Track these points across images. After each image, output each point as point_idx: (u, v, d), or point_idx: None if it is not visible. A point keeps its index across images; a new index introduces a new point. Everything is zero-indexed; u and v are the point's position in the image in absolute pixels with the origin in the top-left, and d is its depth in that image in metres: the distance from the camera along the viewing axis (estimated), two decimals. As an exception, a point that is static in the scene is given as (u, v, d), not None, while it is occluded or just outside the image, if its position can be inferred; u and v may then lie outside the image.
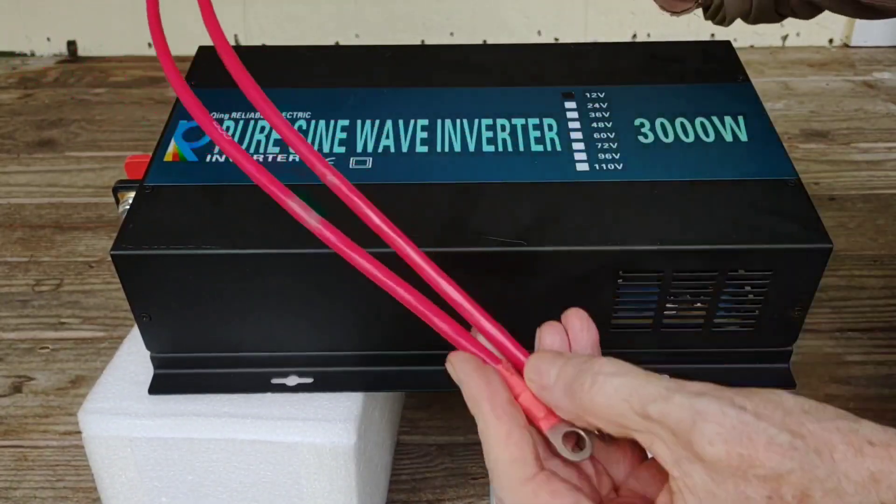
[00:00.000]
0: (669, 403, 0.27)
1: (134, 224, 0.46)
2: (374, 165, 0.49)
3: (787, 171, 0.48)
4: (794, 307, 0.47)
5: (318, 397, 0.49)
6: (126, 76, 1.23)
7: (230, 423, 0.49)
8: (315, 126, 0.52)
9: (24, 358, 0.77)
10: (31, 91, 1.20)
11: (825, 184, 0.97)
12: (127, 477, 0.51)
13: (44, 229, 0.93)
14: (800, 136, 1.06)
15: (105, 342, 0.79)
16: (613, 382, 0.29)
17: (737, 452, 0.26)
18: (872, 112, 1.10)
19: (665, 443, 0.28)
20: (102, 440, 0.49)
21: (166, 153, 0.51)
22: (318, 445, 0.48)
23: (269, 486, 0.51)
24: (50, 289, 0.85)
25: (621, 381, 0.28)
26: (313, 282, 0.46)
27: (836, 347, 0.76)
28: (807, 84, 1.17)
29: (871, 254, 0.87)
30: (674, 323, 0.48)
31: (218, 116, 0.53)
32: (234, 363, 0.50)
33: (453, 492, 0.66)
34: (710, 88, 0.55)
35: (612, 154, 0.50)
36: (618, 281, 0.45)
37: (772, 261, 0.45)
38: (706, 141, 0.51)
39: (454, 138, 0.52)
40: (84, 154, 1.06)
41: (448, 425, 0.71)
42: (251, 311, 0.47)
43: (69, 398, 0.73)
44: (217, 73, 0.58)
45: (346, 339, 0.49)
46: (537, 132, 0.52)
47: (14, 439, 0.70)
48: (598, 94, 0.55)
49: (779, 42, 1.27)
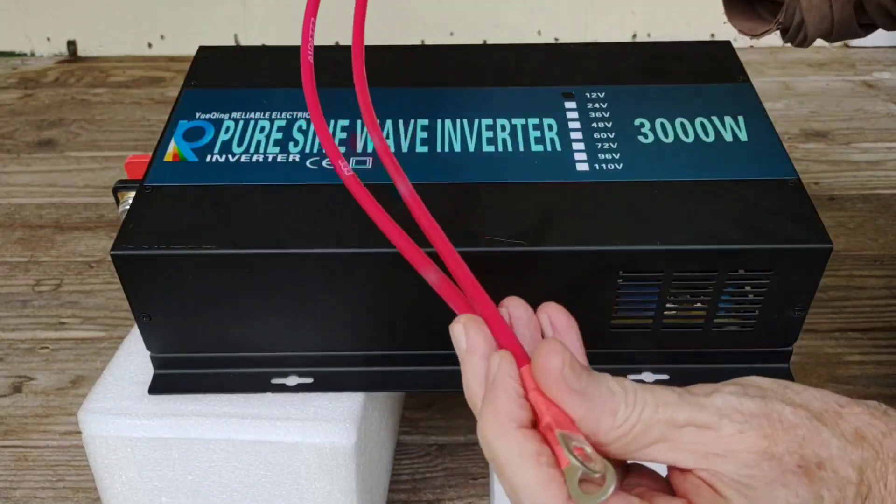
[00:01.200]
0: (692, 407, 0.28)
1: (134, 224, 0.46)
2: (374, 165, 0.49)
3: (787, 171, 0.48)
4: (794, 307, 0.47)
5: (319, 397, 0.49)
6: (126, 76, 1.23)
7: (230, 423, 0.49)
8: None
9: (24, 358, 0.77)
10: (31, 91, 1.20)
11: (825, 184, 0.97)
12: (127, 477, 0.51)
13: (44, 229, 0.93)
14: (800, 136, 1.06)
15: (105, 342, 0.79)
16: (643, 396, 0.29)
17: (763, 434, 0.28)
18: (872, 112, 1.10)
19: (689, 444, 0.28)
20: (102, 440, 0.49)
21: (166, 153, 0.51)
22: (318, 445, 0.48)
23: (269, 487, 0.51)
24: (50, 289, 0.85)
25: (647, 395, 0.29)
26: (313, 282, 0.46)
27: (837, 347, 0.76)
28: (807, 84, 1.17)
29: (871, 254, 0.87)
30: (674, 323, 0.48)
31: (218, 116, 0.53)
32: (234, 363, 0.50)
33: (453, 492, 0.65)
34: (711, 88, 0.55)
35: (612, 154, 0.50)
36: (617, 281, 0.45)
37: (772, 261, 0.45)
38: (706, 141, 0.51)
39: (454, 138, 0.51)
40: (84, 154, 1.06)
41: (448, 425, 0.71)
42: (251, 311, 0.47)
43: (69, 398, 0.73)
44: (217, 72, 0.59)
45: (347, 339, 0.49)
46: (537, 132, 0.52)
47: (14, 439, 0.70)
48: (599, 95, 0.55)
49: (779, 42, 1.27)
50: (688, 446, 0.28)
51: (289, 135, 0.52)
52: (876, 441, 0.29)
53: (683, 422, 0.28)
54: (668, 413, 0.28)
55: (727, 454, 0.28)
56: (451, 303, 0.33)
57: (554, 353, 0.29)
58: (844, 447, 0.28)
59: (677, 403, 0.28)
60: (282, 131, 0.52)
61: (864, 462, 0.28)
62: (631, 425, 0.28)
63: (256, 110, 0.54)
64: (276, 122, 0.53)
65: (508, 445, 0.28)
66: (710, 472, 0.28)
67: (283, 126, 0.52)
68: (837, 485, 0.28)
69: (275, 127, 0.52)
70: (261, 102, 0.54)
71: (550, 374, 0.28)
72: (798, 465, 0.27)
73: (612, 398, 0.28)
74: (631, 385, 0.29)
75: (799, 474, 0.27)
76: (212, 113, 0.54)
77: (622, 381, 0.29)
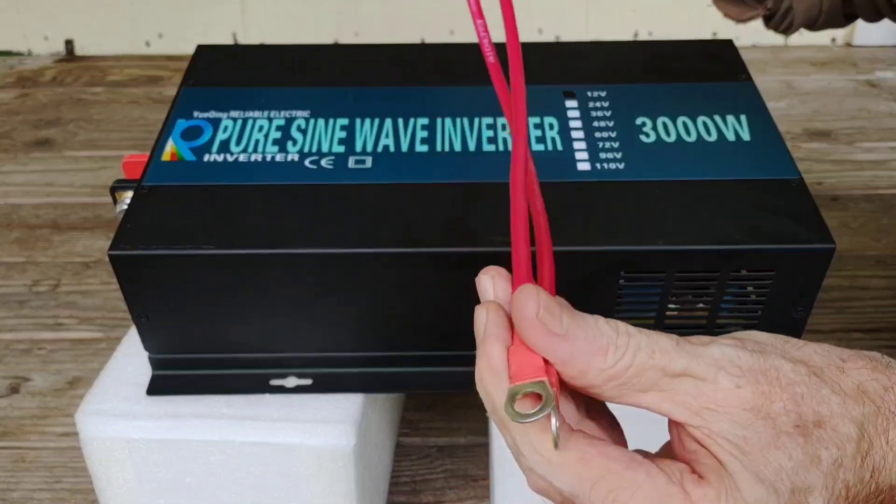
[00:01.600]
0: (690, 356, 0.27)
1: (131, 224, 0.46)
2: (373, 165, 0.49)
3: (789, 171, 0.48)
4: (796, 308, 0.46)
5: (318, 399, 0.49)
6: (124, 75, 1.22)
7: (229, 424, 0.48)
8: (314, 125, 0.52)
9: (21, 359, 0.77)
10: (29, 90, 1.19)
11: (828, 183, 0.97)
12: (125, 479, 0.50)
13: (41, 229, 0.93)
14: (802, 136, 1.06)
15: (103, 343, 0.78)
16: (638, 340, 0.28)
17: (760, 391, 0.27)
18: (875, 111, 1.10)
19: (683, 396, 0.27)
20: (100, 442, 0.49)
21: (164, 152, 0.50)
22: (317, 447, 0.48)
23: (268, 489, 0.50)
24: (47, 289, 0.84)
25: (642, 339, 0.28)
26: (312, 282, 0.46)
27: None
28: (809, 83, 1.17)
29: (875, 254, 0.86)
30: (676, 323, 0.47)
31: (216, 115, 0.53)
32: (232, 364, 0.50)
33: (454, 493, 0.65)
34: (713, 87, 0.55)
35: (613, 153, 0.50)
36: (619, 281, 0.45)
37: (774, 261, 0.44)
38: (708, 140, 0.51)
39: (454, 137, 0.51)
40: (81, 153, 1.06)
41: (448, 427, 0.70)
42: (250, 312, 0.47)
43: (67, 399, 0.73)
44: (215, 71, 0.58)
45: (346, 339, 0.49)
46: (538, 131, 0.51)
47: (11, 440, 0.70)
48: (600, 93, 0.54)
49: (781, 41, 1.27)
50: (682, 397, 0.27)
51: (287, 134, 0.51)
52: (877, 396, 0.28)
53: (679, 370, 0.27)
54: (664, 360, 0.27)
55: (721, 410, 0.27)
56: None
57: (527, 298, 0.28)
58: (845, 403, 0.27)
59: (674, 351, 0.27)
60: (280, 130, 0.52)
61: (864, 418, 0.27)
62: (623, 367, 0.27)
63: (255, 109, 0.53)
64: (274, 122, 0.52)
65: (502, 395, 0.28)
66: (704, 431, 0.27)
67: (281, 125, 0.52)
68: (836, 443, 0.27)
69: (273, 126, 0.52)
70: (259, 101, 0.54)
71: (526, 321, 0.27)
72: (795, 424, 0.27)
73: (601, 337, 0.27)
74: (625, 327, 0.28)
75: (794, 435, 0.27)
76: (210, 112, 0.53)
77: (616, 322, 0.28)
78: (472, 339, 0.30)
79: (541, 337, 0.27)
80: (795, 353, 0.29)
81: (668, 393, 0.27)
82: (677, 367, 0.27)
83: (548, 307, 0.28)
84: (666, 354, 0.27)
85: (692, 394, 0.27)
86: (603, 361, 0.27)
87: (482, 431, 0.69)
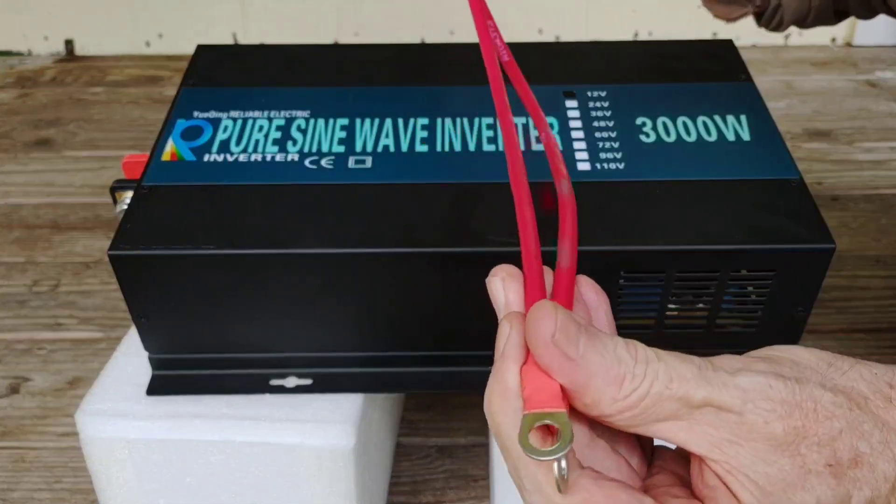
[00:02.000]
0: (713, 386, 0.25)
1: (131, 224, 0.46)
2: (373, 165, 0.49)
3: (789, 171, 0.48)
4: (796, 308, 0.46)
5: (318, 399, 0.49)
6: (124, 75, 1.22)
7: (229, 424, 0.48)
8: (314, 125, 0.52)
9: (21, 359, 0.77)
10: (29, 90, 1.19)
11: (828, 183, 0.97)
12: (125, 479, 0.50)
13: (41, 229, 0.93)
14: (802, 136, 1.06)
15: (103, 343, 0.78)
16: (655, 368, 0.25)
17: (792, 426, 0.25)
18: (875, 111, 1.10)
19: (704, 427, 0.25)
20: (100, 442, 0.49)
21: (164, 152, 0.50)
22: (317, 447, 0.48)
23: (268, 489, 0.50)
24: (47, 289, 0.84)
25: (660, 367, 0.25)
26: (312, 282, 0.45)
27: (840, 348, 0.75)
28: (809, 83, 1.17)
29: (875, 254, 0.86)
30: (676, 323, 0.47)
31: (216, 115, 0.53)
32: (232, 364, 0.50)
33: (454, 494, 0.65)
34: (713, 87, 0.55)
35: (613, 153, 0.50)
36: (619, 281, 0.45)
37: (774, 261, 0.44)
38: (708, 140, 0.50)
39: (454, 137, 0.51)
40: (81, 153, 1.06)
41: (448, 427, 0.70)
42: (250, 312, 0.47)
43: (67, 399, 0.73)
44: (215, 71, 0.58)
45: (346, 339, 0.49)
46: (538, 131, 0.51)
47: (11, 440, 0.70)
48: (600, 93, 0.54)
49: (781, 41, 1.27)
50: (702, 428, 0.25)
51: (287, 134, 0.51)
52: None
53: (700, 401, 0.25)
54: (683, 389, 0.25)
55: (745, 443, 0.25)
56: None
57: (544, 317, 0.25)
58: (887, 440, 0.25)
59: (695, 379, 0.25)
60: (280, 130, 0.52)
61: None
62: (638, 398, 0.25)
63: (255, 109, 0.53)
64: (274, 121, 0.52)
65: (512, 425, 0.26)
66: (724, 466, 0.25)
67: (281, 125, 0.52)
68: (871, 483, 0.25)
69: (273, 126, 0.52)
70: (259, 101, 0.54)
71: (541, 343, 0.25)
72: (828, 463, 0.24)
73: (617, 366, 0.25)
74: (643, 354, 0.26)
75: (824, 475, 0.24)
76: (210, 112, 0.53)
77: (634, 347, 0.26)
78: (472, 339, 0.30)
79: (555, 360, 0.25)
80: (839, 381, 0.26)
81: (687, 422, 0.25)
82: (698, 397, 0.25)
83: (564, 328, 0.25)
84: (685, 383, 0.25)
85: (714, 424, 0.25)
86: (617, 391, 0.25)
87: (482, 431, 0.69)
